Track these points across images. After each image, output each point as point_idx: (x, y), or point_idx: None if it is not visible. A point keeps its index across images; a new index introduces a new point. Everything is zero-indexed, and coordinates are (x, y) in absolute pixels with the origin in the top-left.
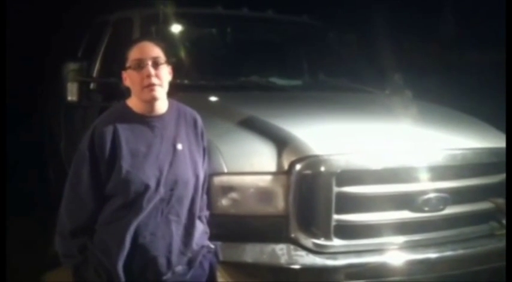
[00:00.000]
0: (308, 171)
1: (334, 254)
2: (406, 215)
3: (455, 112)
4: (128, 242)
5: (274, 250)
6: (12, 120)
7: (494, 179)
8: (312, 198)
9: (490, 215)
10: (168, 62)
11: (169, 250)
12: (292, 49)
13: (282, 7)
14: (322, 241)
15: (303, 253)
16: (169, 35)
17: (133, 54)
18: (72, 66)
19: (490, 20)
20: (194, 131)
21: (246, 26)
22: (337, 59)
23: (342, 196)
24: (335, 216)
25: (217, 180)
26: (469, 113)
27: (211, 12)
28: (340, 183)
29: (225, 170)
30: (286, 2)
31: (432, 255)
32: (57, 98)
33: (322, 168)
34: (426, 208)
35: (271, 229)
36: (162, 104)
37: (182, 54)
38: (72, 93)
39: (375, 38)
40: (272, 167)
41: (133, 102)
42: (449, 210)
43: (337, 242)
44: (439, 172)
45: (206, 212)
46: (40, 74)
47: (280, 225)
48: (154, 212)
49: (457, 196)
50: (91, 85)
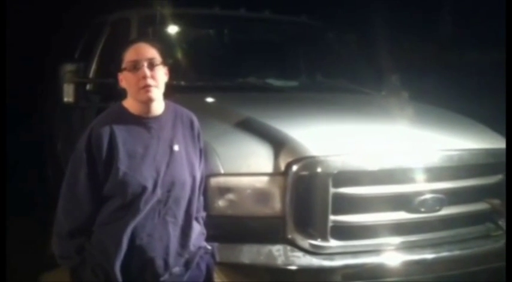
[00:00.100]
0: (305, 172)
1: (331, 254)
2: (402, 215)
3: (451, 113)
4: (125, 243)
5: (271, 251)
6: (12, 120)
7: (491, 180)
8: (309, 199)
9: (486, 216)
10: (164, 63)
11: (167, 251)
12: (289, 50)
13: (281, 7)
14: (318, 242)
15: (300, 254)
16: (167, 35)
17: (129, 56)
18: (68, 68)
19: (489, 20)
20: (191, 132)
21: (244, 27)
22: (335, 60)
23: (338, 197)
24: (332, 217)
25: (214, 181)
26: (469, 113)
27: (208, 12)
28: (336, 184)
29: (221, 171)
30: (286, 2)
31: (428, 256)
32: (55, 99)
33: (319, 169)
34: (422, 209)
35: (268, 230)
36: (158, 105)
37: (179, 55)
38: (68, 94)
39: (375, 38)
40: (269, 168)
41: (129, 103)
42: (446, 211)
43: (333, 242)
44: (436, 173)
45: (203, 213)
46: (40, 74)
47: (277, 226)
48: (152, 214)
49: (453, 197)
50: (88, 86)
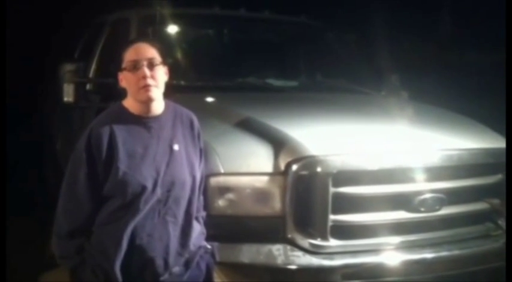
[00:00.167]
0: (304, 172)
1: (331, 254)
2: (402, 215)
3: (450, 113)
4: (125, 243)
5: (270, 250)
6: (12, 120)
7: (490, 179)
8: (309, 199)
9: (486, 215)
10: (163, 63)
11: (167, 251)
12: (289, 50)
13: (281, 7)
14: (318, 241)
15: (300, 253)
16: (167, 35)
17: (129, 56)
18: (68, 67)
19: (489, 20)
20: (191, 132)
21: (243, 27)
22: (335, 60)
23: (338, 196)
24: (331, 217)
25: (214, 181)
26: (468, 113)
27: (208, 12)
28: (336, 184)
29: (221, 170)
30: (286, 2)
31: (428, 255)
32: (54, 99)
33: (319, 169)
34: (422, 208)
35: (268, 229)
36: (158, 105)
37: (179, 55)
38: (68, 94)
39: (374, 38)
40: (269, 167)
41: (129, 103)
42: (445, 210)
43: (333, 242)
44: (435, 173)
45: (203, 212)
46: (40, 74)
47: (276, 225)
48: (152, 213)
49: (453, 196)
50: (88, 86)
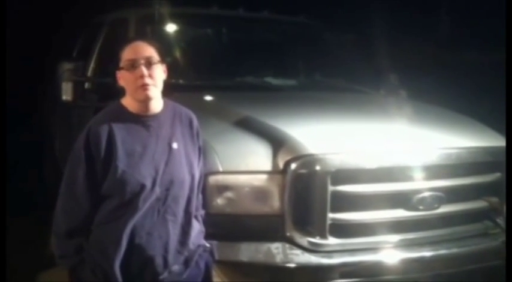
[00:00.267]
0: (303, 170)
1: (329, 252)
2: (401, 213)
3: (449, 112)
4: (125, 242)
5: (269, 249)
6: (12, 120)
7: (489, 178)
8: (307, 197)
9: (485, 213)
10: (161, 61)
11: (166, 249)
12: (288, 49)
13: (281, 7)
14: (317, 240)
15: (298, 252)
16: (165, 35)
17: (127, 55)
18: (67, 66)
19: (489, 20)
20: (189, 130)
21: (242, 26)
22: (333, 59)
23: (337, 195)
24: (330, 215)
25: (213, 180)
26: (468, 113)
27: (207, 12)
28: (335, 182)
29: (220, 169)
30: (286, 2)
31: (427, 253)
32: (53, 98)
33: (317, 167)
34: (421, 207)
35: (267, 228)
36: (156, 104)
37: (178, 54)
38: (66, 92)
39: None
40: (267, 166)
41: (127, 101)
42: (444, 209)
43: (332, 240)
44: (434, 171)
45: (202, 211)
46: (40, 74)
47: (275, 224)
48: (151, 212)
49: (451, 195)
50: (86, 85)
